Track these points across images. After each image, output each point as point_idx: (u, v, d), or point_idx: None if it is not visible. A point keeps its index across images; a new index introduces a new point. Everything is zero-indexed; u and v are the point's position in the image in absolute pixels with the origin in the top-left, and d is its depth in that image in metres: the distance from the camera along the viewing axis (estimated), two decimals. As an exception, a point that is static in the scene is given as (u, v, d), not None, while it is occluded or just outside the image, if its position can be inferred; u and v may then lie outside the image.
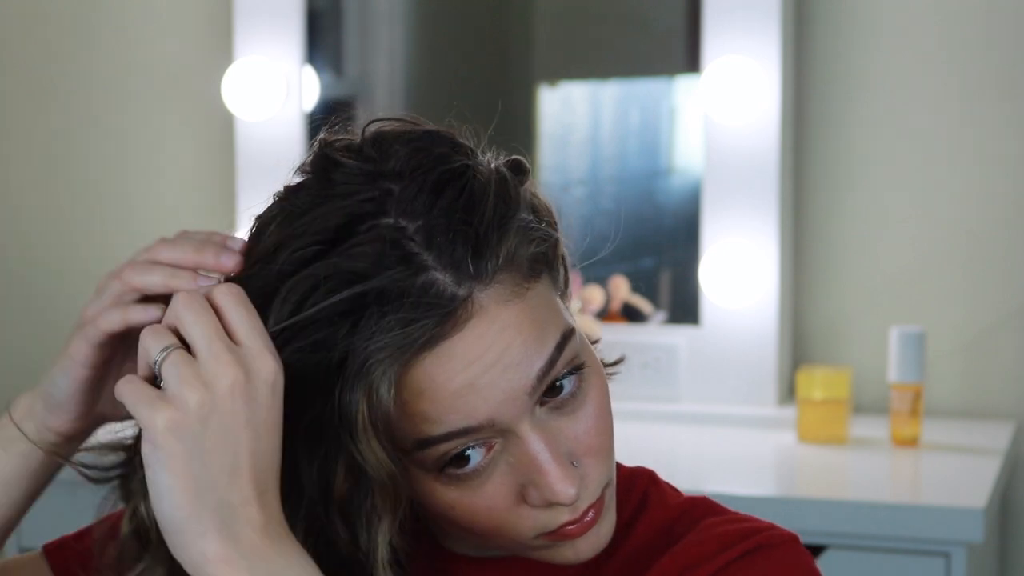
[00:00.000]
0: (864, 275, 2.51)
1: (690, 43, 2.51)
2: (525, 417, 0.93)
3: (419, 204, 0.91)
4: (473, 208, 0.92)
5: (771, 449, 2.31)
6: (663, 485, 1.08)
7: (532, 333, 0.92)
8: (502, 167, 0.96)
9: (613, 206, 2.61)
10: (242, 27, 2.65)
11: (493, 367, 0.91)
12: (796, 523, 1.99)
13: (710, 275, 2.44)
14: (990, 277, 2.46)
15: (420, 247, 0.90)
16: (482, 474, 0.94)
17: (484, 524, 0.95)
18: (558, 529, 0.96)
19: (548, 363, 0.93)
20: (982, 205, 2.45)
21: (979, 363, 2.47)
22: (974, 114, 2.45)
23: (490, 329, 0.91)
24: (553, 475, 0.93)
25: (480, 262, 0.91)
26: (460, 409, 0.91)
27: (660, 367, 2.47)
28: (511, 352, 0.91)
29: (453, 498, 0.94)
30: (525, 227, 0.94)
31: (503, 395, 0.92)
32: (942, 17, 2.45)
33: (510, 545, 0.98)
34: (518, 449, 0.93)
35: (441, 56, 2.82)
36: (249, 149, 2.65)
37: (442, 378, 0.91)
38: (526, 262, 0.93)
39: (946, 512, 1.97)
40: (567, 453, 0.95)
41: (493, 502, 0.94)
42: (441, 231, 0.90)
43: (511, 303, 0.92)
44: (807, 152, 2.51)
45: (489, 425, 0.92)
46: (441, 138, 0.96)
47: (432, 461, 0.93)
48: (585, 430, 0.96)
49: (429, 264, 0.90)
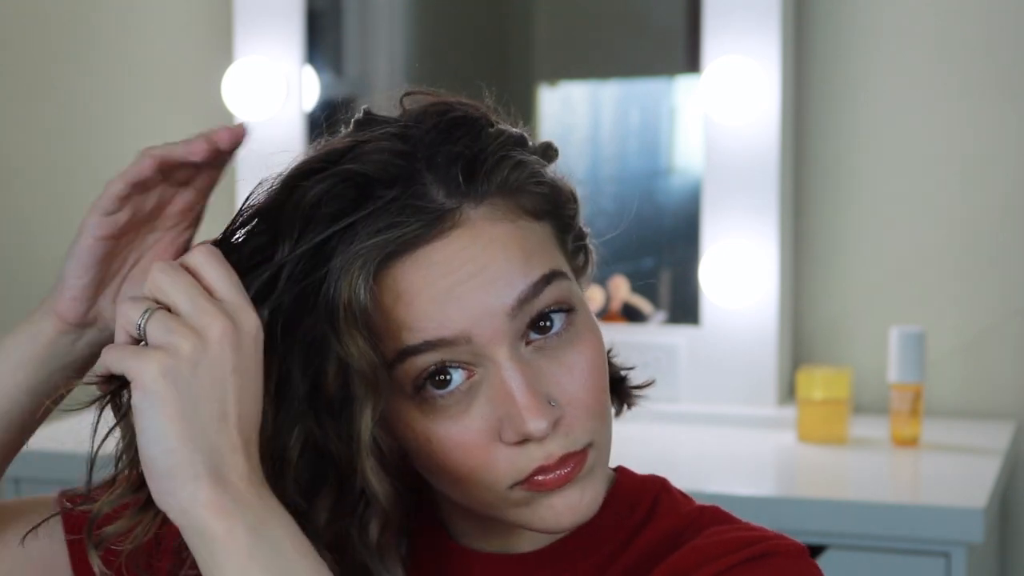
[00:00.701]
0: (864, 275, 2.51)
1: (690, 43, 2.51)
2: (504, 344, 0.94)
3: (431, 137, 0.96)
4: (477, 138, 0.96)
5: (771, 449, 2.32)
6: (675, 493, 1.07)
7: (518, 255, 0.95)
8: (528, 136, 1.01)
9: (613, 206, 2.60)
10: (242, 27, 2.65)
11: (473, 278, 0.93)
12: (796, 523, 1.99)
13: (710, 275, 2.44)
14: (990, 277, 2.46)
15: (421, 164, 0.95)
16: (461, 402, 0.94)
17: (459, 464, 0.95)
18: (531, 476, 0.95)
19: (531, 290, 0.94)
20: (982, 205, 2.45)
21: (979, 363, 2.47)
22: (974, 114, 2.45)
23: (474, 242, 0.94)
24: (523, 404, 0.93)
25: (473, 180, 0.95)
26: (435, 316, 0.93)
27: (660, 367, 2.47)
28: (493, 267, 0.94)
29: (431, 430, 0.95)
30: (529, 164, 0.98)
31: (480, 308, 0.93)
32: (942, 17, 2.45)
33: (487, 497, 0.97)
34: (496, 379, 0.94)
35: (441, 56, 2.82)
36: (249, 149, 2.65)
37: (420, 283, 0.93)
38: (526, 197, 0.97)
39: (946, 512, 1.97)
40: (546, 393, 0.95)
41: (468, 436, 0.94)
42: (444, 154, 0.95)
43: (501, 223, 0.95)
44: (807, 152, 2.51)
45: (465, 339, 0.93)
46: (468, 104, 1.00)
47: (412, 379, 0.94)
48: (570, 379, 0.96)
49: (426, 178, 0.94)
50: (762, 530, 1.03)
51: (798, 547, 1.02)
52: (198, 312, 0.89)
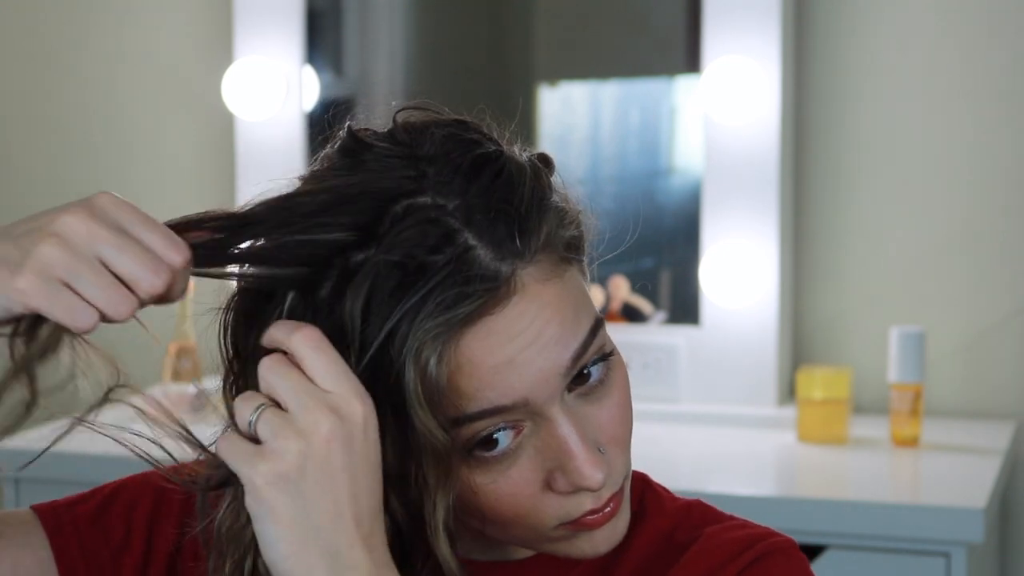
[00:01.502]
0: (864, 275, 2.51)
1: (690, 43, 2.51)
2: (556, 400, 0.94)
3: (455, 185, 0.92)
4: (512, 189, 0.93)
5: (771, 449, 2.32)
6: (657, 488, 1.08)
7: (569, 314, 0.94)
8: (532, 157, 0.98)
9: (613, 206, 2.60)
10: (242, 27, 2.65)
11: (532, 345, 0.92)
12: (796, 523, 1.99)
13: (710, 275, 2.44)
14: (990, 277, 2.46)
15: (460, 224, 0.90)
16: (510, 457, 0.94)
17: (506, 511, 0.95)
18: (580, 518, 0.96)
19: (582, 346, 0.94)
20: (982, 205, 2.45)
21: (979, 363, 2.47)
22: (974, 114, 2.45)
23: (531, 307, 0.92)
24: (582, 458, 0.93)
25: (524, 239, 0.92)
26: (497, 386, 0.92)
27: (660, 367, 2.47)
28: (550, 330, 0.92)
29: (478, 483, 0.94)
30: (560, 210, 0.96)
31: (539, 373, 0.92)
32: (942, 17, 2.45)
33: (528, 536, 0.98)
34: (547, 433, 0.94)
35: (441, 56, 2.82)
36: (249, 149, 2.65)
37: (482, 354, 0.91)
38: (562, 245, 0.95)
39: (946, 512, 1.97)
40: (593, 440, 0.95)
41: (518, 488, 0.94)
42: (480, 210, 0.91)
43: (551, 282, 0.93)
44: (807, 152, 2.51)
45: (523, 405, 0.93)
46: (471, 126, 0.97)
47: (462, 442, 0.93)
48: (609, 418, 0.96)
49: (471, 242, 0.90)
50: (752, 526, 1.05)
51: (789, 541, 1.04)
52: (303, 410, 0.87)
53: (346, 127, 0.96)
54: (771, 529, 1.04)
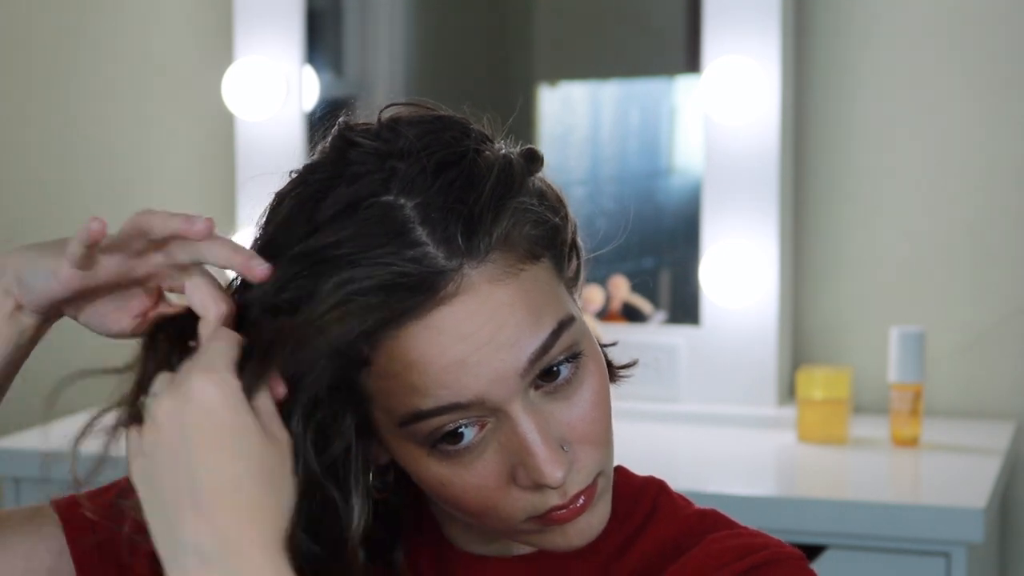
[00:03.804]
0: (864, 275, 2.51)
1: (690, 43, 2.51)
2: (517, 398, 0.94)
3: (420, 182, 0.93)
4: (471, 187, 0.94)
5: (771, 449, 2.32)
6: (674, 496, 1.08)
7: (526, 315, 0.93)
8: (513, 153, 0.98)
9: (613, 206, 2.60)
10: (242, 27, 2.65)
11: (485, 345, 0.92)
12: (796, 523, 1.99)
13: (710, 275, 2.44)
14: (990, 277, 2.46)
15: (414, 222, 0.92)
16: (473, 451, 0.95)
17: (474, 503, 0.96)
18: (547, 513, 0.96)
19: (542, 347, 0.94)
20: (982, 205, 2.45)
21: (979, 363, 2.47)
22: (974, 114, 2.45)
23: (482, 307, 0.92)
24: (541, 457, 0.93)
25: (472, 239, 0.92)
26: (450, 384, 0.92)
27: (660, 367, 2.47)
28: (504, 332, 0.93)
29: (444, 474, 0.95)
30: (524, 209, 0.95)
31: (494, 374, 0.93)
32: (942, 16, 2.45)
33: (501, 527, 0.98)
34: (509, 429, 0.94)
35: (441, 56, 2.82)
36: (249, 149, 2.65)
37: (433, 352, 0.92)
38: (523, 243, 0.95)
39: (946, 512, 1.97)
40: (558, 437, 0.95)
41: (483, 480, 0.95)
42: (436, 208, 0.92)
43: (503, 283, 0.93)
44: (807, 152, 2.51)
45: (479, 403, 0.93)
46: (452, 123, 0.98)
47: (424, 435, 0.94)
48: (579, 416, 0.96)
49: (422, 239, 0.92)
50: (762, 536, 1.03)
51: (797, 554, 1.02)
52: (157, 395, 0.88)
53: (340, 123, 0.99)
54: (779, 540, 1.03)
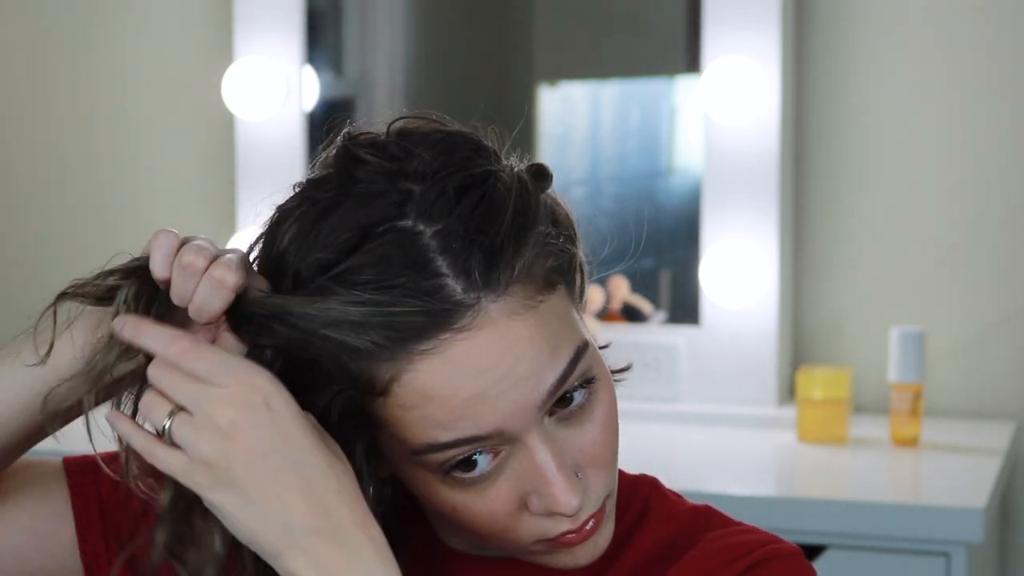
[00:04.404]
0: (864, 275, 2.51)
1: (690, 43, 2.51)
2: (533, 428, 0.93)
3: (439, 208, 0.91)
4: (492, 216, 0.91)
5: (771, 449, 2.31)
6: (667, 493, 1.08)
7: (544, 348, 0.92)
8: (524, 173, 0.96)
9: (613, 206, 2.60)
10: (242, 27, 2.65)
11: (504, 379, 0.91)
12: (796, 523, 1.99)
13: (710, 275, 2.44)
14: (990, 277, 2.46)
15: (435, 252, 0.90)
16: (487, 479, 0.94)
17: (485, 527, 0.96)
18: (557, 537, 0.96)
19: (560, 378, 0.93)
20: (983, 205, 2.45)
21: (979, 363, 2.47)
22: (974, 114, 2.45)
23: (501, 341, 0.91)
24: (557, 486, 0.93)
25: (492, 272, 0.90)
26: (469, 417, 0.92)
27: (660, 367, 2.47)
28: (523, 366, 0.92)
29: (456, 500, 0.95)
30: (543, 241, 0.94)
31: (513, 407, 0.92)
32: (941, 16, 2.45)
33: (508, 548, 0.98)
34: (524, 457, 0.94)
35: (441, 56, 2.82)
36: (249, 149, 2.65)
37: (451, 385, 0.91)
38: (541, 275, 0.93)
39: (946, 512, 1.97)
40: (572, 464, 0.95)
41: (495, 507, 0.95)
42: (458, 237, 0.90)
43: (522, 316, 0.92)
44: (807, 152, 2.51)
45: (498, 434, 0.93)
46: (465, 140, 0.95)
47: (438, 464, 0.94)
48: (591, 441, 0.96)
49: (441, 270, 0.90)
50: (758, 532, 1.03)
51: (794, 549, 1.03)
52: (204, 414, 0.89)
53: (343, 134, 0.96)
54: (776, 536, 1.03)
